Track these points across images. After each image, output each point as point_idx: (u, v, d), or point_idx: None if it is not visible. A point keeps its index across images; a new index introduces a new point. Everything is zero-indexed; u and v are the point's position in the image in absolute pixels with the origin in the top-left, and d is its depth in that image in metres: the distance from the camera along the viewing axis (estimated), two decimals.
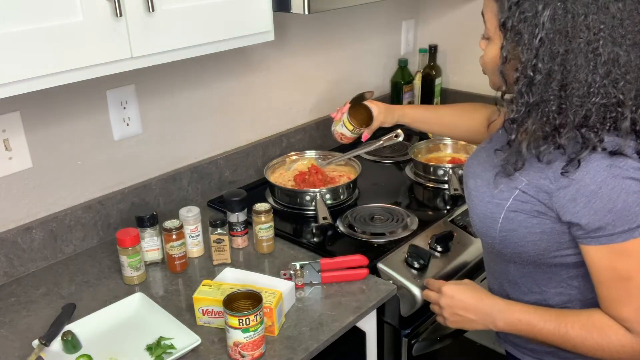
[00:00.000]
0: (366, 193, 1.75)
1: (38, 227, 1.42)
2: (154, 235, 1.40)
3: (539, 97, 0.93)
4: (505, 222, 1.04)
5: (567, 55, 0.90)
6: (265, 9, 1.34)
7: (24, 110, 1.36)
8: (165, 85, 1.61)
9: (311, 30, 1.96)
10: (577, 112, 0.92)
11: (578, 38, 0.89)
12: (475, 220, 1.12)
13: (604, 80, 0.90)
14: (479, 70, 1.09)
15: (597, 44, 0.89)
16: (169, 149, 1.67)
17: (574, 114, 0.92)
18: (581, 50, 0.89)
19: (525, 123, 0.96)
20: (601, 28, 0.89)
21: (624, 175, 0.91)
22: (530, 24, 0.91)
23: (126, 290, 1.34)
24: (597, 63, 0.89)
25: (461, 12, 2.27)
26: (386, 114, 1.55)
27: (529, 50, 0.91)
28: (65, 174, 1.47)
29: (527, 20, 0.91)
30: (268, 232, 1.45)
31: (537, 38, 0.90)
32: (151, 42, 1.16)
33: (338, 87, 2.15)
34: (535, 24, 0.90)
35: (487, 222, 1.08)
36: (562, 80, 0.91)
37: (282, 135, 1.96)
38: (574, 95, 0.91)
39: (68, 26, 1.03)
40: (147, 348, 1.14)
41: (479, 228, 1.12)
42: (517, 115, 0.96)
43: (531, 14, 0.91)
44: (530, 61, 0.92)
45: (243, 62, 1.78)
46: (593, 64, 0.89)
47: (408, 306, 1.35)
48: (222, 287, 1.20)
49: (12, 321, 1.26)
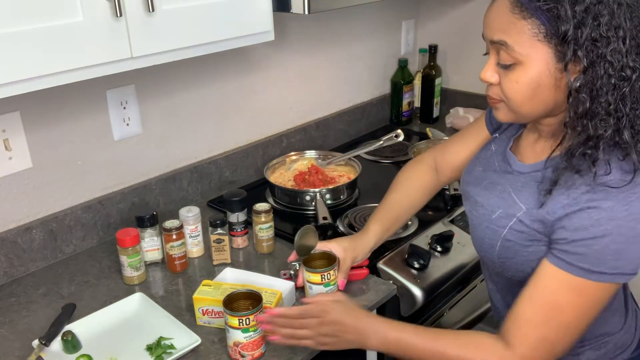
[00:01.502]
0: (366, 193, 1.76)
1: (38, 227, 1.42)
2: (154, 235, 1.40)
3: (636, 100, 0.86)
4: (502, 250, 1.03)
5: None
6: (265, 9, 1.34)
7: (24, 110, 1.36)
8: (165, 85, 1.61)
9: (311, 30, 1.96)
10: None
11: None
12: (475, 242, 1.11)
13: None
14: (479, 70, 1.00)
15: None
16: (169, 149, 1.67)
17: None
18: None
19: (617, 138, 0.88)
20: None
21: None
22: (610, 27, 0.84)
23: (126, 290, 1.34)
24: None
25: (461, 12, 2.27)
26: (354, 249, 1.28)
27: (618, 53, 0.85)
28: (65, 174, 1.47)
29: (607, 24, 0.84)
30: (268, 232, 1.45)
31: (620, 40, 0.84)
32: (151, 42, 1.16)
33: (338, 87, 2.15)
34: (616, 25, 0.84)
35: (485, 247, 1.07)
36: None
37: (282, 135, 1.96)
38: None
39: (68, 26, 1.03)
40: (147, 348, 1.14)
41: (478, 250, 1.11)
42: (611, 131, 0.88)
43: (607, 17, 0.84)
44: (622, 63, 0.85)
45: (243, 62, 1.78)
46: None
47: (408, 306, 1.35)
48: (222, 287, 1.20)
49: (12, 321, 1.26)
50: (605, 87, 0.87)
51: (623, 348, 1.11)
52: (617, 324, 1.10)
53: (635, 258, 0.91)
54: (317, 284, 1.22)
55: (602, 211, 0.88)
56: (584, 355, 1.09)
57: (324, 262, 1.25)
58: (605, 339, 1.09)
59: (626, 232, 0.88)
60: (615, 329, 1.09)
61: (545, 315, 0.94)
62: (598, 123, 0.88)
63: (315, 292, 1.22)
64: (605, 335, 1.09)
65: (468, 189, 1.15)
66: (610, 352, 1.09)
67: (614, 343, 1.09)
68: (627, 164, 0.90)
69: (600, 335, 1.08)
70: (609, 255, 0.89)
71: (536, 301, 0.95)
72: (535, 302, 0.95)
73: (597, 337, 1.08)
